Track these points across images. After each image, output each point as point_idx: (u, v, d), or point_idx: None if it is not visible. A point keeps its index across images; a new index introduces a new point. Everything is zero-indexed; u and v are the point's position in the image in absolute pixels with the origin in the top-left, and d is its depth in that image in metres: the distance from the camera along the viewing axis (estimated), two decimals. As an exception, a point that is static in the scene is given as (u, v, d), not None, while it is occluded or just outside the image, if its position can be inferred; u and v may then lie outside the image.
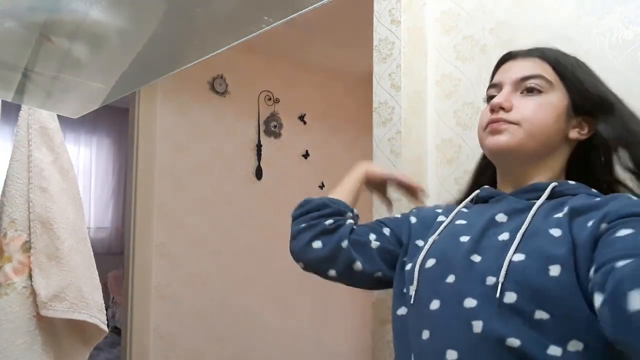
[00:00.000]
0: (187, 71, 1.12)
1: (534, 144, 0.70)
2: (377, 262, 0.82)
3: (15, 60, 0.67)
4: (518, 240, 0.64)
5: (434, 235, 0.75)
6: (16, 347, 1.03)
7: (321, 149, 3.08)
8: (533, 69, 0.72)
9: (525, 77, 0.72)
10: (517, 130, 0.70)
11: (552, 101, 0.71)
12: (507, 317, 0.59)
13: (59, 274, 1.09)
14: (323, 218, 0.85)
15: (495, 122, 0.71)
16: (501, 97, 0.72)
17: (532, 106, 0.70)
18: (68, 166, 1.18)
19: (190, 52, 0.65)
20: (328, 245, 0.82)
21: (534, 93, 0.71)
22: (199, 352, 2.49)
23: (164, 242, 2.42)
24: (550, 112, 0.70)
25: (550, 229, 0.63)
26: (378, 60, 1.20)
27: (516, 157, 0.72)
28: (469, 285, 0.65)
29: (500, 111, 0.71)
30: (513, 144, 0.70)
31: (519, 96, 0.72)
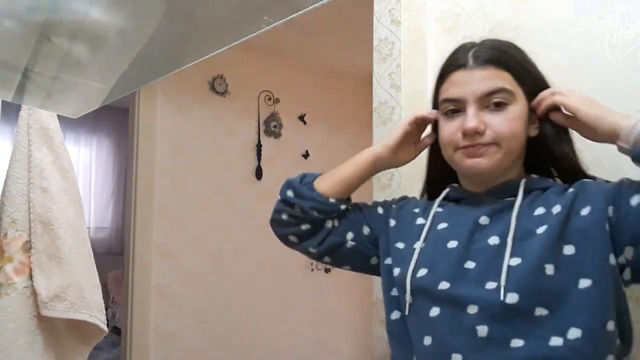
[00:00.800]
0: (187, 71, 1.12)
1: (512, 158, 0.72)
2: (347, 259, 0.86)
3: (15, 60, 0.68)
4: (510, 244, 0.66)
5: (420, 242, 0.76)
6: (17, 347, 1.03)
7: (321, 149, 3.08)
8: (494, 83, 0.71)
9: (490, 93, 0.71)
10: (496, 151, 0.70)
11: (518, 111, 0.71)
12: (510, 318, 0.62)
13: (60, 274, 1.09)
14: (301, 221, 0.85)
15: (473, 147, 0.71)
16: (473, 120, 0.70)
17: (505, 123, 0.70)
18: (68, 166, 1.18)
19: (190, 52, 0.65)
20: (300, 244, 0.87)
21: (500, 107, 0.71)
22: (199, 352, 2.49)
23: (164, 242, 2.42)
24: (520, 123, 0.72)
25: (537, 228, 0.67)
26: (378, 60, 1.20)
27: (495, 175, 0.73)
28: (467, 291, 0.66)
29: (476, 136, 0.70)
30: (493, 166, 0.71)
31: (486, 112, 0.71)
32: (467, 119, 0.70)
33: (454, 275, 0.69)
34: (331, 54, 2.88)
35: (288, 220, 0.86)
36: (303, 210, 0.84)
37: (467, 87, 0.72)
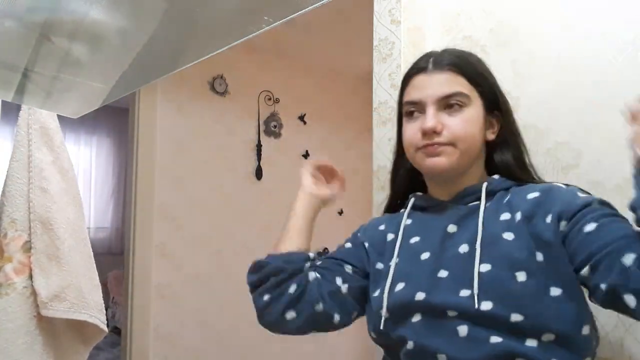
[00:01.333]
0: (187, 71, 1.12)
1: (468, 159, 0.76)
2: (351, 306, 0.82)
3: (15, 60, 0.67)
4: (479, 251, 0.69)
5: (394, 258, 0.78)
6: (17, 347, 1.03)
7: (321, 149, 3.07)
8: (451, 86, 0.75)
9: (447, 96, 0.75)
10: (453, 151, 0.74)
11: (474, 114, 0.76)
12: (487, 321, 0.65)
13: (59, 274, 1.09)
14: (284, 284, 0.81)
15: (431, 146, 0.74)
16: (431, 120, 0.74)
17: (461, 125, 0.74)
18: (68, 166, 1.18)
19: (190, 52, 0.65)
20: (303, 313, 0.80)
21: (456, 109, 0.75)
22: (199, 352, 2.49)
23: (164, 242, 2.42)
24: (476, 125, 0.76)
25: (503, 233, 0.70)
26: (378, 60, 1.20)
27: (453, 174, 0.77)
28: (443, 299, 0.69)
29: (433, 135, 0.74)
30: (452, 165, 0.75)
31: (444, 114, 0.75)
32: (426, 119, 0.74)
33: (428, 286, 0.71)
34: (331, 54, 2.88)
35: (272, 295, 0.81)
36: (276, 271, 0.81)
37: (427, 89, 0.76)
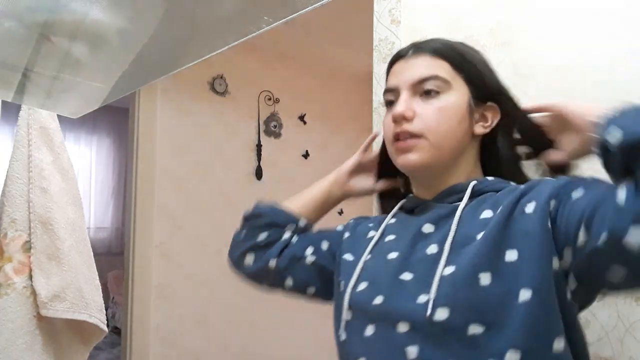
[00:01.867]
0: (187, 71, 1.12)
1: (444, 154, 0.68)
2: (310, 278, 0.80)
3: (15, 60, 0.68)
4: (447, 252, 0.61)
5: (365, 255, 0.72)
6: (17, 347, 1.03)
7: (321, 149, 3.08)
8: (427, 69, 0.68)
9: (422, 80, 0.68)
10: (425, 145, 0.67)
11: (452, 102, 0.67)
12: (441, 337, 0.56)
13: (59, 274, 1.09)
14: (258, 230, 0.81)
15: (402, 138, 0.68)
16: (401, 105, 0.67)
17: (434, 114, 0.67)
18: (68, 166, 1.18)
19: (190, 52, 0.65)
20: (257, 263, 0.81)
21: (432, 95, 0.67)
22: (199, 352, 2.49)
23: (164, 242, 2.42)
24: (453, 114, 0.67)
25: (478, 233, 0.60)
26: (378, 60, 1.20)
27: (430, 171, 0.70)
28: (399, 306, 0.61)
29: (403, 122, 0.67)
30: (424, 161, 0.67)
31: (419, 100, 0.68)
32: (397, 105, 0.68)
33: (389, 289, 0.64)
34: (331, 54, 2.88)
35: (245, 235, 0.81)
36: (262, 216, 0.82)
37: (402, 75, 0.70)
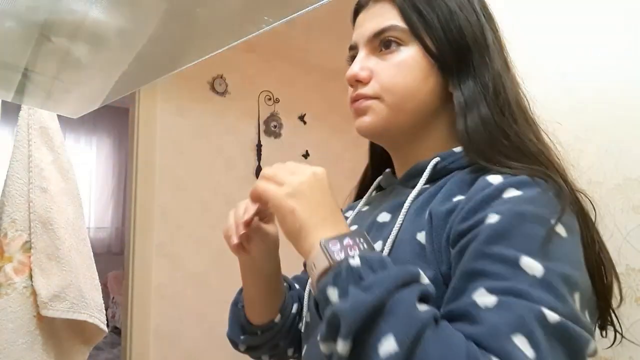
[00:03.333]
0: (187, 71, 1.12)
1: (404, 117, 0.57)
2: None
3: (15, 60, 0.67)
4: (386, 252, 0.53)
5: None
6: (17, 347, 1.03)
7: (321, 149, 3.08)
8: (384, 20, 0.57)
9: (377, 33, 0.57)
10: (379, 106, 0.57)
11: (414, 54, 0.56)
12: None
13: (59, 274, 1.09)
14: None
15: (356, 101, 0.58)
16: (356, 65, 0.58)
17: (389, 70, 0.56)
18: (68, 166, 1.18)
19: (190, 52, 0.65)
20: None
21: (392, 49, 0.57)
22: (199, 352, 2.49)
23: (164, 242, 2.42)
24: (413, 70, 0.56)
25: (419, 232, 0.51)
26: (378, 60, 1.20)
27: (389, 137, 0.60)
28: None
29: (358, 85, 0.58)
30: (378, 124, 0.57)
31: (376, 58, 0.58)
32: (351, 66, 0.59)
33: None
34: (331, 54, 2.88)
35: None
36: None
37: (361, 28, 0.60)
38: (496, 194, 0.45)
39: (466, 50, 0.56)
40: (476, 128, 0.53)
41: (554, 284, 0.39)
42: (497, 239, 0.42)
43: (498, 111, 0.54)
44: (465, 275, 0.42)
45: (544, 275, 0.39)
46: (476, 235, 0.43)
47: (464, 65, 0.56)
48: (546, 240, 0.42)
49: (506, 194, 0.45)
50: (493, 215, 0.43)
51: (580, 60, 0.93)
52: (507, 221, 0.43)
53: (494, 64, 0.57)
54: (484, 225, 0.43)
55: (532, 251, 0.41)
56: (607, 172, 0.87)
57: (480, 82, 0.55)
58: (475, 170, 0.52)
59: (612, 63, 0.88)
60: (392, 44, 0.57)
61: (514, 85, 0.58)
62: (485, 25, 0.59)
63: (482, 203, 0.45)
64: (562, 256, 0.42)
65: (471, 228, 0.44)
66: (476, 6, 0.59)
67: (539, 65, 0.98)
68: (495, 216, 0.43)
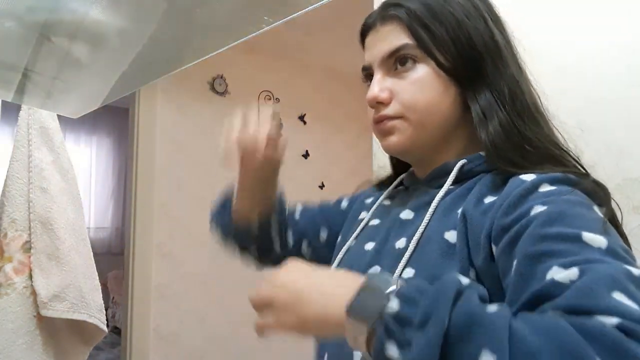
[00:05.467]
0: (187, 71, 1.12)
1: (430, 132, 0.58)
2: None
3: (15, 60, 0.67)
4: (410, 250, 0.53)
5: (350, 240, 0.66)
6: (17, 347, 1.03)
7: (321, 149, 3.08)
8: (396, 39, 0.58)
9: (392, 53, 0.58)
10: (403, 125, 0.58)
11: (429, 71, 0.57)
12: None
13: (59, 274, 1.09)
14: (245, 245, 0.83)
15: (380, 122, 0.59)
16: (374, 87, 0.58)
17: (408, 89, 0.57)
18: (68, 166, 1.18)
19: (190, 52, 0.65)
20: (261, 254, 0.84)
21: (408, 67, 0.57)
22: (199, 352, 2.49)
23: (164, 242, 2.42)
24: (432, 85, 0.57)
25: (447, 231, 0.51)
26: (378, 60, 1.20)
27: (416, 154, 0.61)
28: None
29: (379, 107, 0.59)
30: (406, 142, 0.58)
31: (393, 78, 0.59)
32: (370, 88, 0.59)
33: None
34: (331, 54, 2.88)
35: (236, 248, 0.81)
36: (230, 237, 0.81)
37: (373, 49, 0.60)
38: (532, 189, 0.46)
39: (478, 59, 0.57)
40: (498, 137, 0.53)
41: (621, 253, 0.39)
42: (553, 222, 0.41)
43: (517, 117, 0.55)
44: (530, 258, 0.40)
45: (608, 246, 0.39)
46: (528, 224, 0.42)
47: (478, 75, 0.57)
48: (597, 220, 0.42)
49: (542, 188, 0.46)
50: (539, 206, 0.43)
51: (580, 59, 0.93)
52: (557, 207, 0.43)
53: (508, 69, 0.57)
54: (533, 214, 0.43)
55: (590, 227, 0.40)
56: (607, 172, 0.86)
57: (496, 90, 0.56)
58: (505, 172, 0.52)
59: (613, 63, 0.88)
60: (407, 61, 0.57)
61: (528, 87, 0.59)
62: (494, 30, 0.59)
63: (521, 198, 0.46)
64: (615, 235, 0.42)
65: (516, 221, 0.44)
66: (483, 11, 0.60)
67: (538, 65, 0.98)
68: (541, 207, 0.43)
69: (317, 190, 3.00)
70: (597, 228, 0.40)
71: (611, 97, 0.88)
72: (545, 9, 1.00)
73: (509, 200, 0.46)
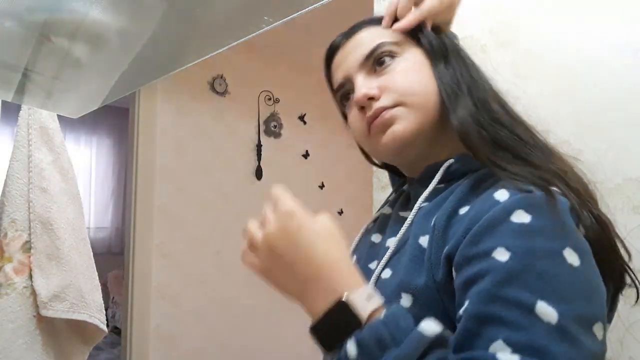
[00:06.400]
0: (187, 71, 1.12)
1: (432, 114, 0.56)
2: None
3: (15, 60, 0.67)
4: (391, 251, 0.53)
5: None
6: (17, 347, 1.03)
7: (321, 149, 3.08)
8: (369, 43, 0.58)
9: (369, 54, 0.58)
10: (404, 111, 0.55)
11: (412, 59, 0.58)
12: None
13: (59, 274, 1.09)
14: None
15: (377, 116, 0.56)
16: (361, 87, 0.57)
17: (399, 77, 0.56)
18: (68, 166, 1.18)
19: (190, 52, 0.65)
20: None
21: (387, 63, 0.57)
22: (199, 352, 2.49)
23: (164, 242, 2.42)
24: (420, 71, 0.57)
25: (422, 235, 0.51)
26: (378, 60, 1.20)
27: (423, 141, 0.57)
28: None
29: (372, 102, 0.56)
30: (412, 128, 0.55)
31: (376, 76, 0.58)
32: (355, 91, 0.58)
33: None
34: (331, 54, 2.88)
35: None
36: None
37: (346, 62, 0.60)
38: (503, 216, 0.44)
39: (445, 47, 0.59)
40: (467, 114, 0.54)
41: (570, 330, 0.39)
42: (510, 281, 0.41)
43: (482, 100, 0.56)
44: (479, 318, 0.41)
45: (559, 321, 0.39)
46: (486, 273, 0.42)
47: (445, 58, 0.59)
48: (559, 278, 0.41)
49: (515, 218, 0.43)
50: (503, 251, 0.42)
51: (580, 59, 0.93)
52: (519, 260, 0.41)
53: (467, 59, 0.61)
54: (494, 263, 0.42)
55: (546, 293, 0.40)
56: (607, 172, 0.86)
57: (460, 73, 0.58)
58: (481, 177, 0.51)
59: (612, 63, 0.88)
60: (385, 59, 0.58)
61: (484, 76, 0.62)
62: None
63: (490, 228, 0.44)
64: (577, 292, 0.41)
65: (478, 257, 0.43)
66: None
67: (538, 65, 0.98)
68: (505, 253, 0.42)
69: (317, 190, 3.00)
70: (553, 293, 0.40)
71: (611, 97, 0.88)
72: (545, 9, 1.00)
73: (479, 227, 0.44)
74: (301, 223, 0.46)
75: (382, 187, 1.21)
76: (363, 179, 3.41)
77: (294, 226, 0.46)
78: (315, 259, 0.45)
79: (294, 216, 0.46)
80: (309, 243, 0.45)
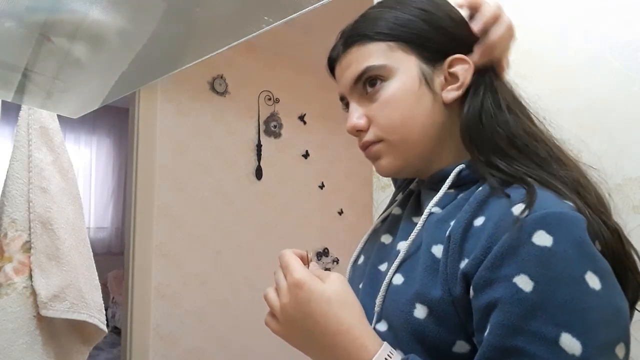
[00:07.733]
0: (187, 71, 1.13)
1: (415, 145, 0.57)
2: None
3: (15, 60, 0.67)
4: (402, 256, 0.54)
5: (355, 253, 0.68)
6: (17, 347, 1.03)
7: (321, 149, 3.08)
8: (358, 64, 0.57)
9: (356, 79, 0.58)
10: (387, 148, 0.57)
11: (396, 86, 0.56)
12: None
13: (59, 274, 1.09)
14: None
15: (366, 148, 0.60)
16: (351, 117, 0.59)
17: (381, 112, 0.57)
18: (68, 166, 1.18)
19: (190, 52, 0.65)
20: None
21: (377, 87, 0.57)
22: (199, 352, 2.49)
23: (164, 242, 2.42)
24: (404, 99, 0.56)
25: (435, 244, 0.51)
26: (378, 60, 1.20)
27: (410, 169, 0.60)
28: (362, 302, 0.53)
29: (361, 134, 0.59)
30: (396, 162, 0.58)
31: (367, 101, 0.58)
32: (348, 118, 0.60)
33: (368, 278, 0.60)
34: (331, 54, 2.88)
35: None
36: None
37: (342, 79, 0.61)
38: (524, 238, 0.43)
39: (458, 44, 0.58)
40: (473, 119, 0.55)
41: (593, 359, 0.39)
42: (534, 313, 0.41)
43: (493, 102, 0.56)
44: (502, 350, 0.41)
45: (583, 352, 0.39)
46: (509, 301, 0.42)
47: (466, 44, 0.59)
48: (582, 305, 0.40)
49: (537, 239, 0.42)
50: (526, 279, 0.41)
51: (579, 59, 0.93)
52: (542, 290, 0.41)
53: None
54: (517, 292, 0.41)
55: (569, 325, 0.40)
56: (607, 172, 0.86)
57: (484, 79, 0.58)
58: (493, 187, 0.50)
59: (612, 63, 0.88)
60: (376, 82, 0.57)
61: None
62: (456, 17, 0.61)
63: (511, 250, 0.43)
64: (599, 318, 0.41)
65: (499, 280, 0.43)
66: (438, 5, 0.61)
67: (537, 64, 0.98)
68: (528, 282, 0.41)
69: (317, 190, 3.00)
70: (576, 324, 0.40)
71: (611, 97, 0.88)
72: (546, 9, 1.00)
73: (499, 249, 0.43)
74: (311, 294, 0.48)
75: (382, 187, 1.21)
76: (363, 179, 3.41)
77: (304, 298, 0.48)
78: (330, 327, 0.47)
79: (302, 287, 0.48)
80: (321, 313, 0.47)
